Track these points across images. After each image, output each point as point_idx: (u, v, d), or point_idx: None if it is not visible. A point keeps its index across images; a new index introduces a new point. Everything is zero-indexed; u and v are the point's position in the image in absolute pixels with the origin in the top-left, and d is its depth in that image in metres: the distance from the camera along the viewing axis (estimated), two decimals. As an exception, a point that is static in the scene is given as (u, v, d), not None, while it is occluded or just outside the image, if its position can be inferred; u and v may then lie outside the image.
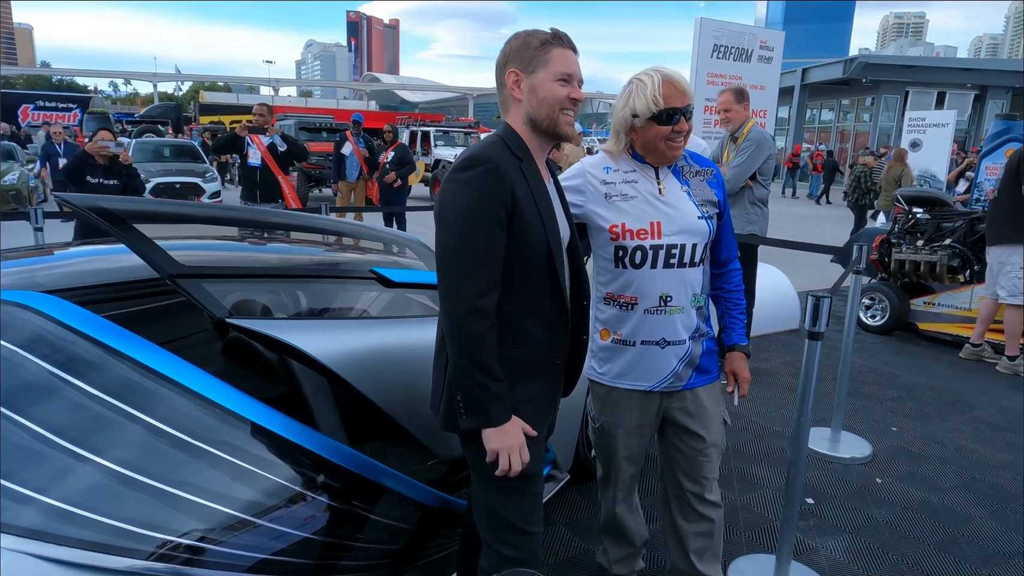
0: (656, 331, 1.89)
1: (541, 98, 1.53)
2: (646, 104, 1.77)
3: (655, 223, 1.84)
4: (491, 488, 1.59)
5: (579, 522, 2.80)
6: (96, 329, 1.49)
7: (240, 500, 1.46)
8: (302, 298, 2.34)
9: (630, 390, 1.97)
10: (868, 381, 4.78)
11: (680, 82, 1.80)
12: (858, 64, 25.86)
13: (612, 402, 2.01)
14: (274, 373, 1.94)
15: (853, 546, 2.72)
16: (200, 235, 2.36)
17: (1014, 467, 3.49)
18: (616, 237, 1.86)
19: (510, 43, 1.57)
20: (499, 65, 1.58)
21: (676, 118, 1.79)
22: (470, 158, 1.48)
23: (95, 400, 1.38)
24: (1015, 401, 4.46)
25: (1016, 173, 4.71)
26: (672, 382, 1.94)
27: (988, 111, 25.75)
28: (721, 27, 6.17)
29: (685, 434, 1.98)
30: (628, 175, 1.89)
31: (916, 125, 14.42)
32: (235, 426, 1.54)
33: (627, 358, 1.94)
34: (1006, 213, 4.78)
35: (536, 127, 1.56)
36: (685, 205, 1.87)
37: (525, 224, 1.49)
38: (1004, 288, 4.81)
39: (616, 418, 2.01)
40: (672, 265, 1.85)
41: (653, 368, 1.92)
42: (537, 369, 1.59)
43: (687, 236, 1.86)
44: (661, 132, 1.80)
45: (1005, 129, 8.60)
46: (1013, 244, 4.74)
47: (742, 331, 2.05)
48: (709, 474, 2.00)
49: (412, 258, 2.77)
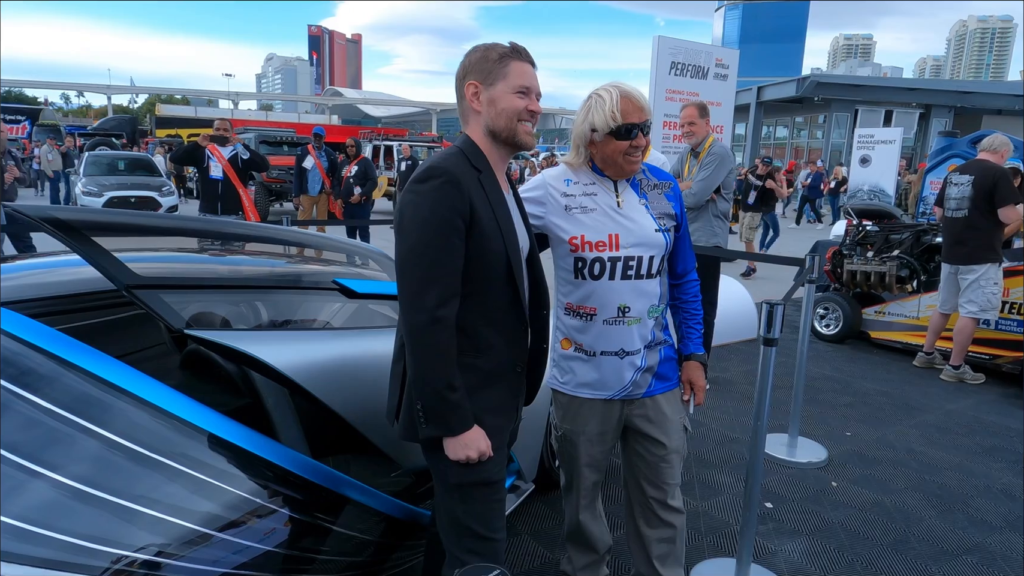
0: (614, 341, 1.92)
1: (500, 110, 1.55)
2: (604, 119, 1.81)
3: (613, 235, 1.88)
4: (454, 495, 1.60)
5: (543, 531, 2.81)
6: (50, 342, 1.46)
7: (199, 514, 1.44)
8: (263, 309, 2.32)
9: (591, 399, 1.99)
10: (823, 388, 4.92)
11: (638, 98, 1.84)
12: (810, 83, 26.76)
13: (574, 410, 2.03)
14: (234, 385, 1.92)
15: (811, 548, 2.79)
16: (159, 246, 2.32)
17: (959, 468, 3.63)
18: (576, 249, 1.89)
19: (469, 56, 1.60)
20: (458, 78, 1.61)
21: (634, 133, 1.82)
22: (428, 169, 1.50)
23: (49, 415, 1.35)
24: (961, 405, 4.64)
25: (990, 194, 4.81)
26: (631, 390, 1.97)
27: (932, 128, 26.86)
28: (678, 45, 6.34)
29: (647, 441, 2.01)
30: (588, 187, 1.92)
31: (866, 142, 14.99)
32: (194, 438, 1.52)
33: (588, 368, 1.97)
34: (981, 233, 4.89)
35: (496, 138, 1.59)
36: (643, 218, 1.91)
37: (484, 234, 1.51)
38: (975, 303, 4.89)
39: (578, 426, 2.03)
40: (630, 276, 1.89)
41: (612, 377, 1.95)
42: (497, 377, 1.61)
43: (644, 248, 1.89)
44: (619, 147, 1.83)
45: (947, 145, 8.99)
46: (990, 262, 4.87)
47: (699, 341, 2.10)
48: (671, 480, 2.04)
49: (375, 269, 2.77)
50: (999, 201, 4.77)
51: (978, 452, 3.86)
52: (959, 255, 5.00)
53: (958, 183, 5.04)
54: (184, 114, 50.19)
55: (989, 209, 4.84)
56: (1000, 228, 4.90)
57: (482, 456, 1.53)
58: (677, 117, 5.80)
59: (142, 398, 1.48)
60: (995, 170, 4.87)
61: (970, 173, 4.99)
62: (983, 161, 5.00)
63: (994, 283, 4.87)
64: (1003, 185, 4.78)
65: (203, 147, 6.45)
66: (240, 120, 29.79)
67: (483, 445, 1.53)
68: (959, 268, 5.01)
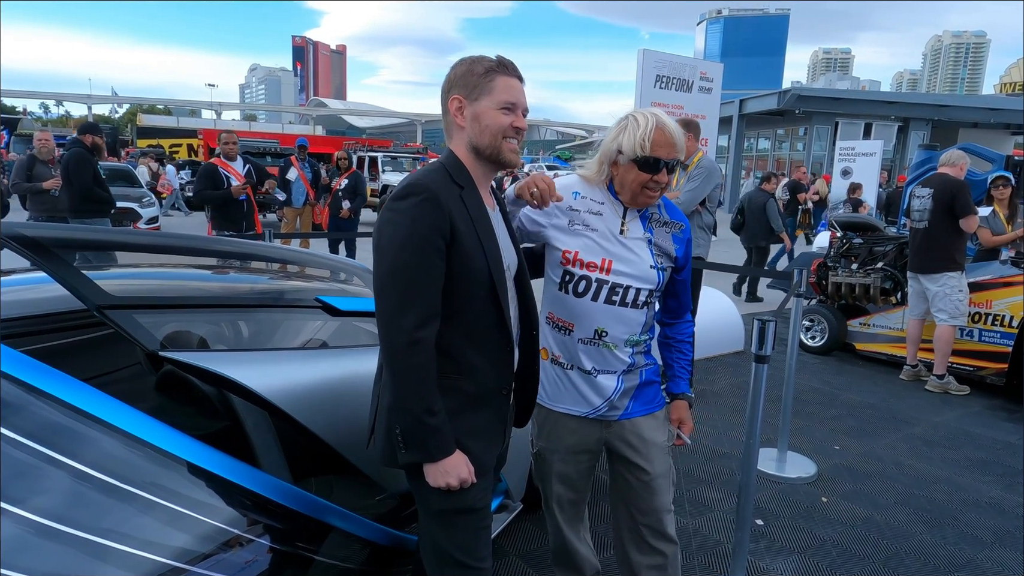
0: (589, 361, 1.89)
1: (484, 126, 1.50)
2: (633, 145, 1.75)
3: (607, 260, 1.83)
4: (436, 523, 1.56)
5: (532, 552, 2.75)
6: (14, 366, 1.38)
7: (174, 547, 1.37)
8: (243, 328, 2.25)
9: (566, 414, 1.95)
10: (810, 401, 4.91)
11: (672, 133, 1.77)
12: (791, 96, 27.09)
13: (549, 426, 1.99)
14: (212, 408, 1.85)
15: (803, 566, 2.75)
16: (134, 263, 2.25)
17: (948, 482, 3.62)
18: (567, 263, 1.85)
19: (455, 69, 1.55)
20: (444, 91, 1.56)
21: (659, 167, 1.76)
22: (407, 187, 1.46)
23: (13, 445, 1.27)
24: (947, 417, 4.65)
25: (949, 205, 4.98)
26: (606, 411, 1.92)
27: (911, 141, 27.29)
28: (663, 59, 6.36)
29: (630, 465, 1.96)
30: (595, 206, 1.86)
31: (847, 154, 15.18)
32: (169, 467, 1.45)
33: (564, 381, 1.94)
34: (942, 243, 5.05)
35: (479, 154, 1.54)
36: (642, 251, 1.86)
37: (465, 252, 1.46)
38: (945, 311, 5.04)
39: (552, 443, 1.99)
40: (613, 303, 1.85)
41: (587, 395, 1.92)
42: (482, 400, 1.56)
43: (634, 280, 1.85)
44: (640, 178, 1.78)
45: (927, 158, 9.12)
46: (952, 271, 5.02)
47: (687, 380, 2.08)
48: (660, 506, 1.97)
49: (359, 285, 2.71)
50: (959, 212, 4.98)
51: (966, 465, 3.85)
52: (922, 264, 5.21)
53: (920, 196, 5.27)
54: (166, 124, 49.78)
55: (949, 220, 5.03)
56: (961, 238, 5.10)
57: (463, 483, 1.47)
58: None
59: (113, 425, 1.41)
60: (953, 183, 5.08)
61: (931, 186, 5.21)
62: (943, 175, 5.22)
63: (959, 291, 5.03)
64: (961, 197, 4.99)
65: (216, 168, 5.99)
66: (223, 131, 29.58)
67: (464, 472, 1.47)
68: (922, 277, 5.20)
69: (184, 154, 29.65)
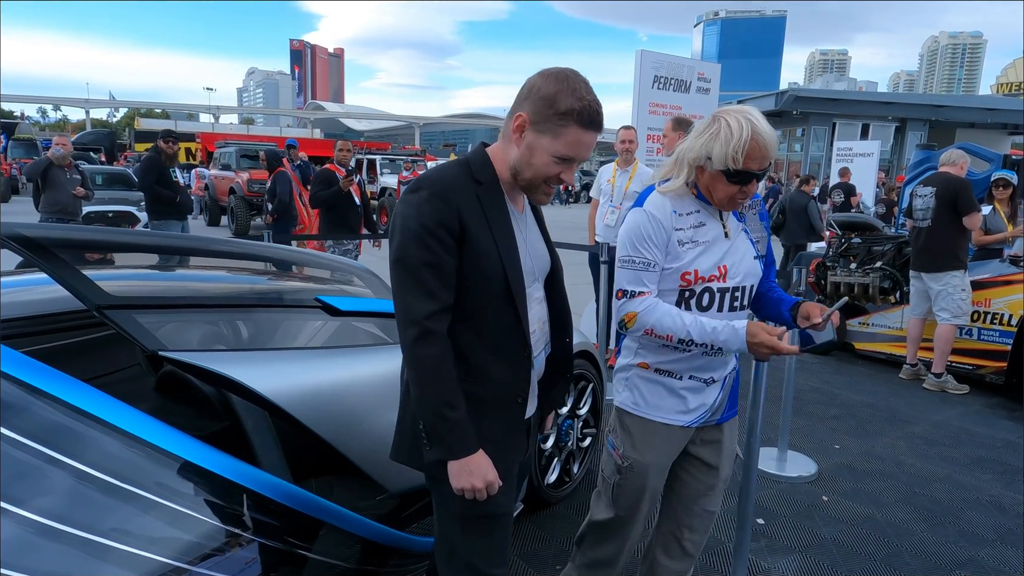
0: (708, 369, 1.82)
1: (531, 163, 1.43)
2: (724, 156, 1.62)
3: (723, 267, 1.75)
4: (454, 526, 1.51)
5: (533, 552, 2.74)
6: (15, 366, 1.38)
7: (174, 546, 1.36)
8: (243, 328, 2.25)
9: (669, 424, 1.84)
10: (810, 400, 4.91)
11: (767, 145, 1.63)
12: (788, 97, 27.18)
13: (647, 437, 1.84)
14: (212, 408, 1.85)
15: (804, 565, 2.75)
16: (135, 264, 2.25)
17: (948, 480, 3.62)
18: (688, 284, 1.75)
19: (544, 83, 1.41)
20: (522, 94, 1.45)
21: (750, 180, 1.66)
22: (418, 181, 1.45)
23: (14, 445, 1.27)
24: (947, 416, 4.65)
25: (952, 203, 5.00)
26: (709, 417, 1.86)
27: (908, 141, 27.36)
28: (661, 59, 6.37)
29: (701, 465, 1.91)
30: (694, 217, 1.75)
31: (844, 154, 15.21)
32: (169, 466, 1.44)
33: (669, 390, 1.83)
34: (946, 241, 5.06)
35: (515, 176, 1.48)
36: (744, 245, 1.80)
37: (477, 250, 1.41)
38: (947, 310, 5.03)
39: (650, 456, 1.84)
40: (736, 308, 1.80)
41: (695, 402, 1.83)
42: (496, 407, 1.50)
43: (747, 279, 1.80)
44: (728, 190, 1.68)
45: (925, 158, 9.09)
46: (955, 270, 5.02)
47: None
48: (712, 507, 1.95)
49: (359, 286, 2.71)
50: (963, 209, 4.99)
51: (966, 463, 3.85)
52: (925, 263, 5.20)
53: (922, 195, 5.29)
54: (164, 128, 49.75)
55: (952, 218, 5.04)
56: (964, 237, 5.11)
57: (489, 487, 1.42)
58: (660, 131, 5.82)
59: (113, 425, 1.40)
60: (956, 181, 5.10)
61: (933, 185, 5.23)
62: (945, 173, 5.24)
63: (961, 289, 5.03)
64: (964, 195, 5.01)
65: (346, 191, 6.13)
66: (221, 134, 29.58)
67: (491, 474, 1.42)
68: (925, 275, 5.20)
69: (182, 158, 29.65)
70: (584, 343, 3.13)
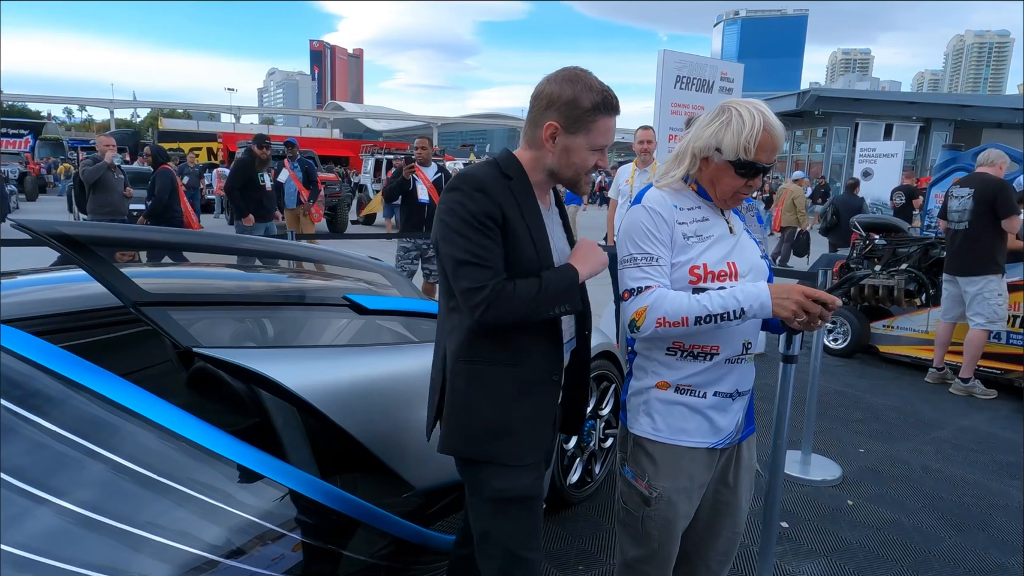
0: (732, 381, 1.67)
1: (571, 162, 1.55)
2: (735, 146, 1.55)
3: (731, 263, 1.64)
4: (487, 511, 1.57)
5: (556, 553, 2.74)
6: (55, 361, 1.41)
7: (207, 539, 1.39)
8: (272, 326, 2.27)
9: (693, 448, 1.67)
10: (833, 403, 4.85)
11: (778, 137, 1.58)
12: (810, 97, 26.88)
13: (673, 463, 1.67)
14: (242, 404, 1.87)
15: (830, 570, 2.72)
16: (166, 262, 2.28)
17: (976, 486, 3.56)
18: (697, 280, 1.60)
19: (562, 88, 1.49)
20: (541, 104, 1.52)
21: (757, 173, 1.59)
22: (458, 178, 1.52)
23: (53, 437, 1.30)
24: (975, 421, 4.57)
25: (991, 205, 4.86)
26: (734, 436, 1.72)
27: (933, 142, 26.94)
28: (684, 59, 6.32)
29: (720, 486, 1.77)
30: (695, 212, 1.66)
31: (867, 155, 14.99)
32: (202, 460, 1.47)
33: (693, 410, 1.66)
34: (983, 244, 4.92)
35: (554, 177, 1.60)
36: (749, 244, 1.72)
37: (516, 240, 1.50)
38: (982, 315, 4.90)
39: (679, 482, 1.67)
40: None
41: (721, 422, 1.68)
42: (533, 387, 1.58)
43: (755, 276, 1.68)
44: (734, 183, 1.60)
45: (952, 159, 8.95)
46: (992, 274, 4.89)
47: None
48: (739, 527, 1.82)
49: (385, 285, 2.73)
50: (1002, 212, 4.85)
51: (995, 469, 3.79)
52: (960, 266, 5.06)
53: (959, 196, 5.12)
54: (187, 128, 50.35)
55: (990, 220, 4.91)
56: (1001, 239, 4.95)
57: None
58: (681, 131, 5.79)
59: (148, 418, 1.43)
60: (995, 182, 4.95)
61: (970, 186, 5.08)
62: (983, 174, 5.08)
63: (998, 294, 4.90)
64: (1003, 196, 4.87)
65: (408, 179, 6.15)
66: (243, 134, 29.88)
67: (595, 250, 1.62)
68: (960, 279, 5.05)
69: (204, 157, 29.99)
70: (606, 343, 3.12)
